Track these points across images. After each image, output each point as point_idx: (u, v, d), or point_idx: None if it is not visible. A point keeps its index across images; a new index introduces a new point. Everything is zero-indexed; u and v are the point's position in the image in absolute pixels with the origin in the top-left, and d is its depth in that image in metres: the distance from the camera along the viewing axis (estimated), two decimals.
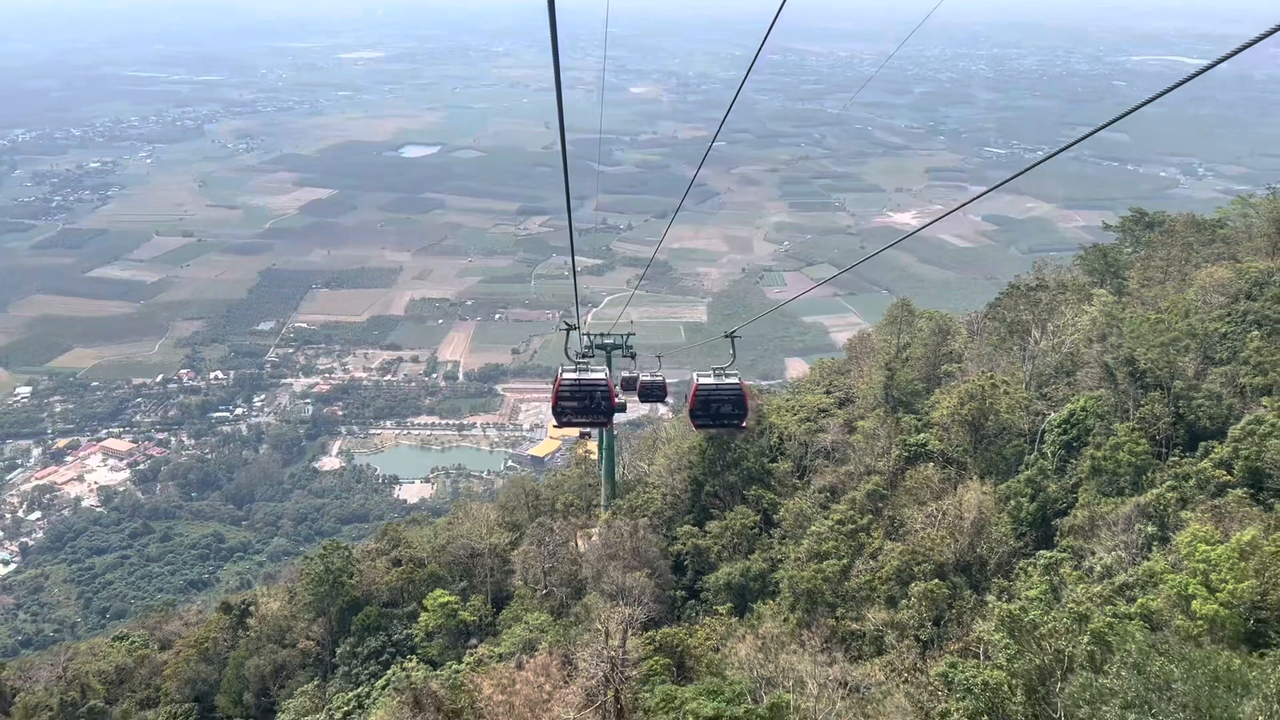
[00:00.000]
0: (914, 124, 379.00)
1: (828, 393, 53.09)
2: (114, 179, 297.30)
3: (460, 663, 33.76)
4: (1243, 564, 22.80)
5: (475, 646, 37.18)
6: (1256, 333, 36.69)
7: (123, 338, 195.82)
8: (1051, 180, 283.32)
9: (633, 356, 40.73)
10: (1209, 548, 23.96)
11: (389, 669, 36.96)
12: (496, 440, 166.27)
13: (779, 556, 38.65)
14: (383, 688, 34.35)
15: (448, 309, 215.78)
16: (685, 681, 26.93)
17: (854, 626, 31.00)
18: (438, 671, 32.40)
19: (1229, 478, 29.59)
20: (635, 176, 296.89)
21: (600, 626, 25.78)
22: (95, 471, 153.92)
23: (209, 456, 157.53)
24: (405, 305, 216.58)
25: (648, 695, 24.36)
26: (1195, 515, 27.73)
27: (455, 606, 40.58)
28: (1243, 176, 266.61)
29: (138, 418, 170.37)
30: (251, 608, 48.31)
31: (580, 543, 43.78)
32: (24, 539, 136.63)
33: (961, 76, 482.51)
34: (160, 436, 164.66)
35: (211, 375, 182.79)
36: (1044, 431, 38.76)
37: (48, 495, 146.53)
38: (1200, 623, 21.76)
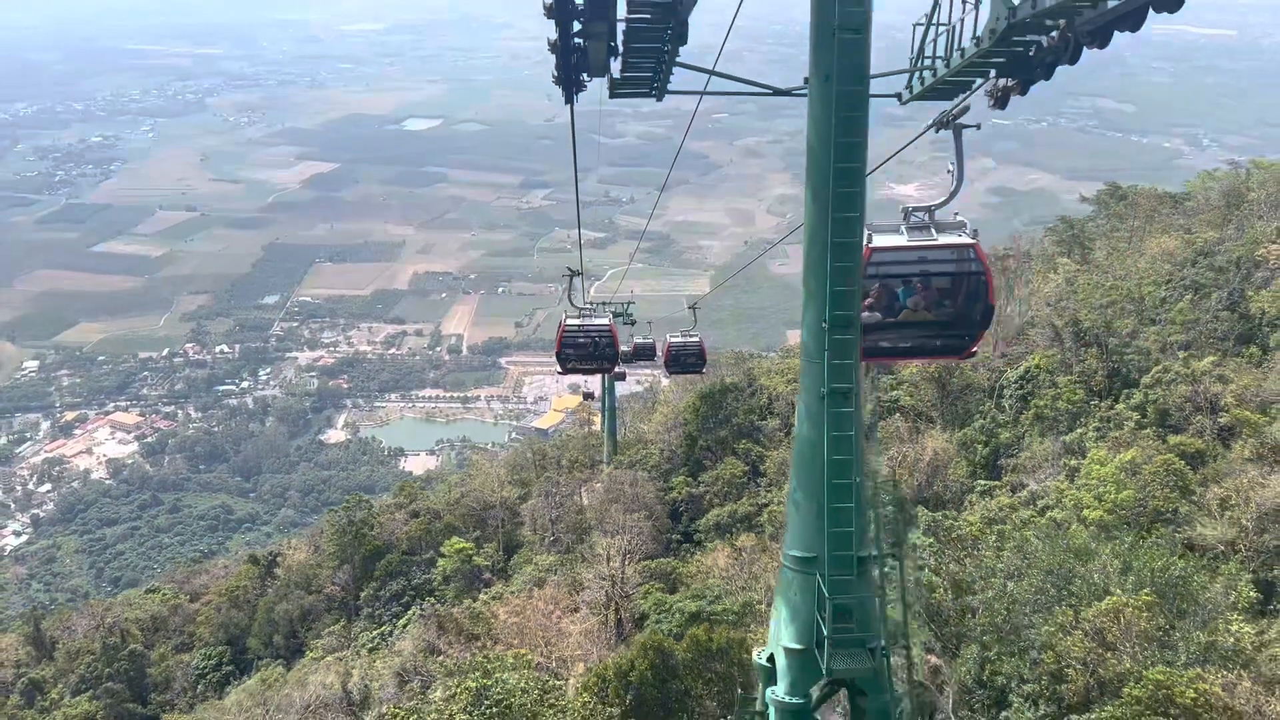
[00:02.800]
0: None
1: None
2: (116, 153, 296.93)
3: (476, 601, 36.20)
4: (1128, 480, 28.06)
5: (491, 583, 39.72)
6: (1190, 296, 40.52)
7: (128, 312, 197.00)
8: (1056, 152, 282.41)
9: (632, 324, 42.78)
10: (1100, 467, 29.47)
11: (409, 610, 39.56)
12: (500, 413, 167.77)
13: (764, 501, 41.87)
14: (404, 626, 36.76)
15: (451, 282, 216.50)
16: None
17: None
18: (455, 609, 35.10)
19: (1142, 418, 34.22)
20: (638, 149, 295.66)
21: (602, 553, 28.59)
22: (104, 444, 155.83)
23: (216, 429, 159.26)
24: (409, 279, 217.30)
25: (643, 602, 28.23)
26: (1095, 445, 32.99)
27: (470, 552, 43.71)
28: (1248, 146, 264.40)
29: (145, 391, 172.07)
30: (279, 558, 51.49)
31: (584, 496, 46.26)
32: (35, 511, 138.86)
33: None
34: (167, 410, 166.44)
35: (217, 349, 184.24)
36: (1003, 387, 42.65)
37: (57, 468, 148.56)
38: (1091, 527, 25.85)
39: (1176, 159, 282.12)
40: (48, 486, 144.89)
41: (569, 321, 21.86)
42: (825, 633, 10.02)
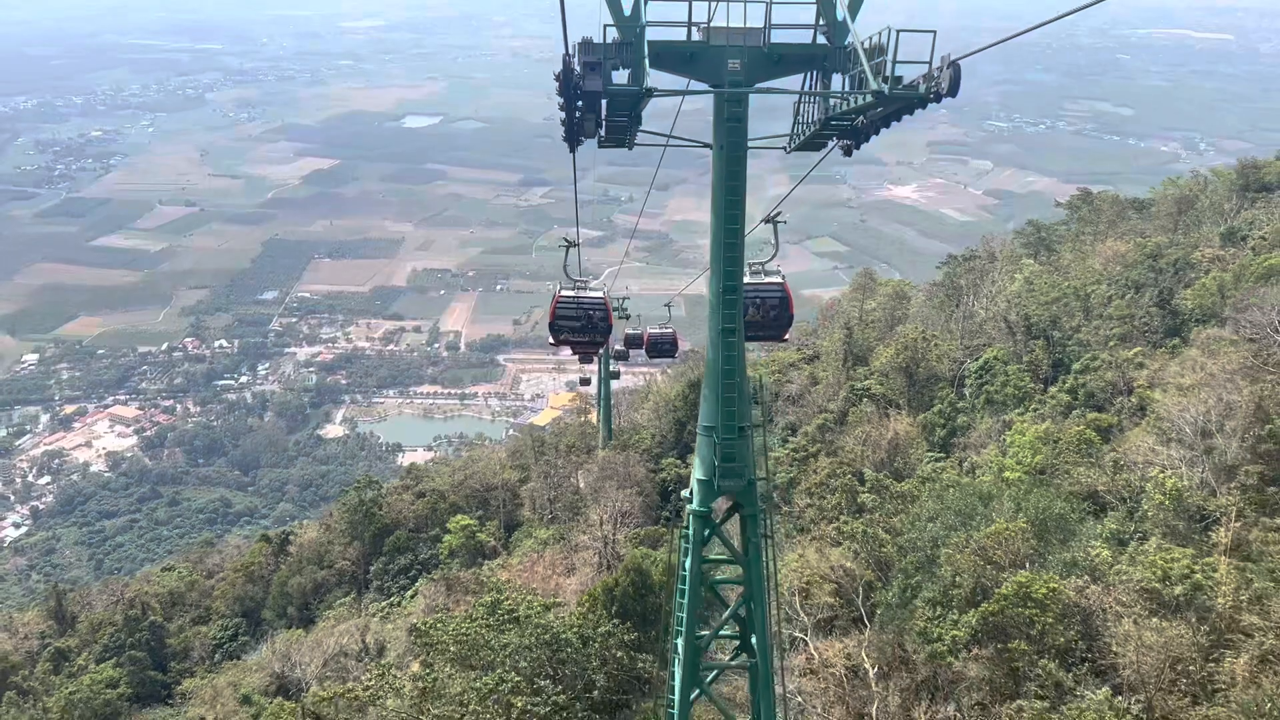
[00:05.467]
0: None
1: (799, 350, 61.00)
2: (116, 148, 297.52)
3: (481, 570, 38.38)
4: (1043, 447, 33.68)
5: (497, 553, 41.61)
6: (1131, 294, 44.43)
7: (128, 306, 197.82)
8: (1053, 155, 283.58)
9: (626, 318, 44.41)
10: (1021, 437, 35.22)
11: (416, 582, 41.51)
12: (498, 410, 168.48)
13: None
14: (412, 597, 38.38)
15: (449, 279, 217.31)
16: None
17: (791, 514, 39.13)
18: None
19: (1073, 400, 39.01)
20: (637, 148, 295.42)
21: (596, 519, 30.52)
22: (103, 437, 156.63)
23: (215, 424, 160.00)
24: (407, 276, 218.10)
25: (633, 555, 31.02)
26: (1019, 418, 38.23)
27: (474, 528, 45.90)
28: (1244, 151, 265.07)
29: (144, 385, 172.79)
30: (291, 537, 53.63)
31: (580, 479, 48.09)
32: (34, 503, 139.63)
33: (964, 48, 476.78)
34: (166, 404, 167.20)
35: (216, 344, 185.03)
36: (964, 376, 46.61)
37: (57, 460, 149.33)
38: (1009, 486, 29.97)
39: (1173, 163, 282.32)
40: (47, 479, 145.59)
41: (563, 293, 22.23)
42: (717, 467, 16.32)
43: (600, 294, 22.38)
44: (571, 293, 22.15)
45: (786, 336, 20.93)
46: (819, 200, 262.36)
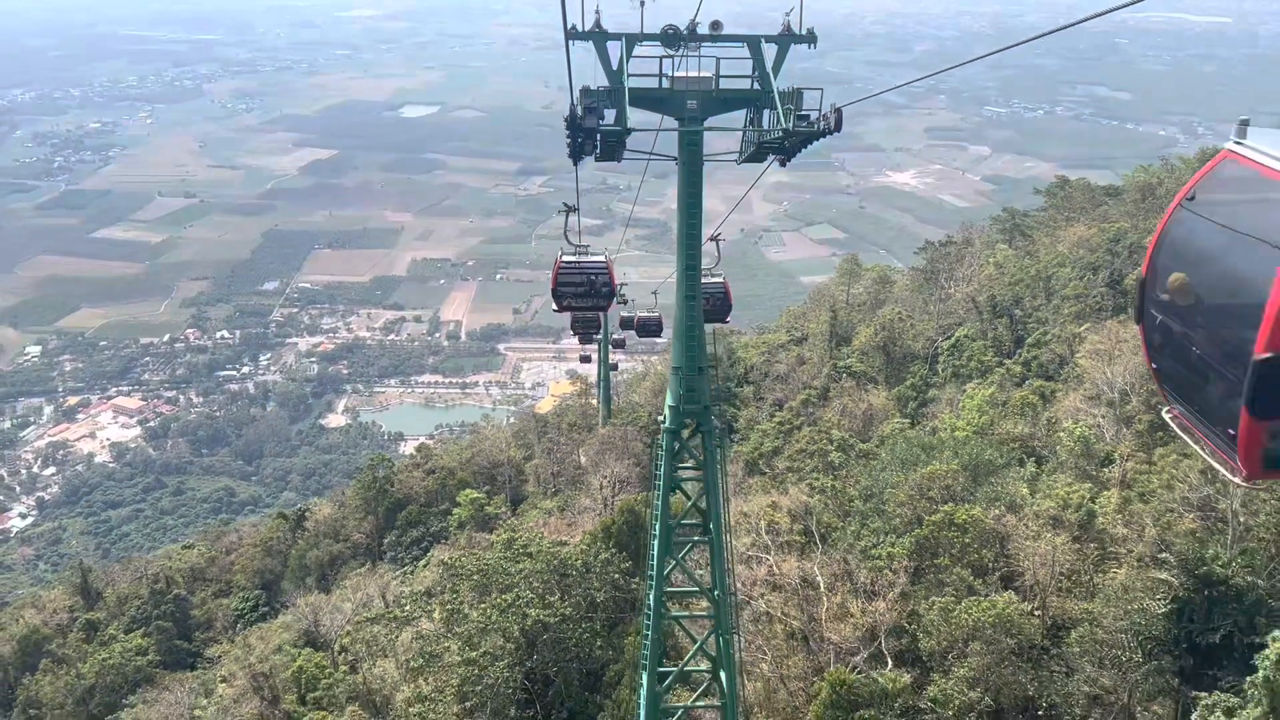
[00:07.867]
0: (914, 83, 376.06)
1: (788, 333, 64.44)
2: (115, 139, 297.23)
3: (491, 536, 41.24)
4: (989, 409, 38.39)
5: (507, 519, 44.27)
6: (1089, 276, 47.39)
7: (129, 298, 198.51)
8: (1051, 140, 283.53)
9: (624, 303, 45.94)
10: (970, 400, 39.79)
11: (428, 553, 45.09)
12: (499, 398, 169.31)
13: (737, 452, 48.74)
14: (424, 567, 40.36)
15: (449, 269, 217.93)
16: None
17: (771, 475, 42.43)
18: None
19: (1027, 371, 43.31)
20: (637, 136, 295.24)
21: (596, 483, 33.12)
22: (106, 428, 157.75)
23: (218, 414, 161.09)
24: (407, 265, 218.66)
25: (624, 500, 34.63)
26: (975, 387, 42.49)
27: (482, 502, 48.42)
28: None
29: (146, 376, 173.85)
30: (307, 513, 56.19)
31: (582, 456, 49.93)
32: (40, 494, 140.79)
33: (963, 34, 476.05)
34: (169, 394, 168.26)
35: (218, 335, 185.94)
36: (937, 353, 49.83)
37: (61, 451, 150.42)
38: (952, 439, 34.21)
39: (1170, 147, 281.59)
40: (52, 470, 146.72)
41: (565, 258, 22.38)
42: (682, 396, 20.35)
43: (602, 258, 22.90)
44: (573, 258, 22.53)
45: (728, 319, 27.34)
46: (817, 187, 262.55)
